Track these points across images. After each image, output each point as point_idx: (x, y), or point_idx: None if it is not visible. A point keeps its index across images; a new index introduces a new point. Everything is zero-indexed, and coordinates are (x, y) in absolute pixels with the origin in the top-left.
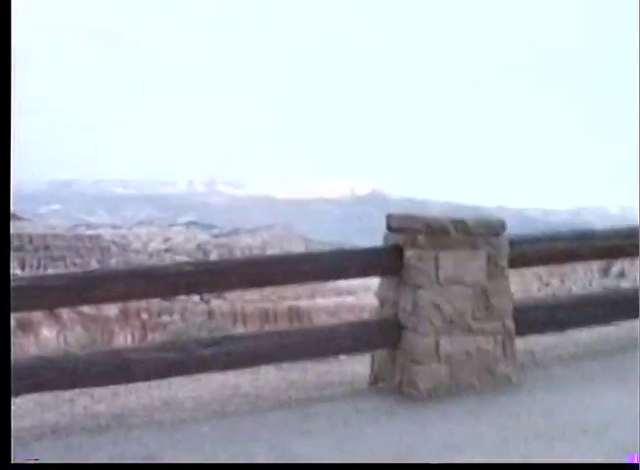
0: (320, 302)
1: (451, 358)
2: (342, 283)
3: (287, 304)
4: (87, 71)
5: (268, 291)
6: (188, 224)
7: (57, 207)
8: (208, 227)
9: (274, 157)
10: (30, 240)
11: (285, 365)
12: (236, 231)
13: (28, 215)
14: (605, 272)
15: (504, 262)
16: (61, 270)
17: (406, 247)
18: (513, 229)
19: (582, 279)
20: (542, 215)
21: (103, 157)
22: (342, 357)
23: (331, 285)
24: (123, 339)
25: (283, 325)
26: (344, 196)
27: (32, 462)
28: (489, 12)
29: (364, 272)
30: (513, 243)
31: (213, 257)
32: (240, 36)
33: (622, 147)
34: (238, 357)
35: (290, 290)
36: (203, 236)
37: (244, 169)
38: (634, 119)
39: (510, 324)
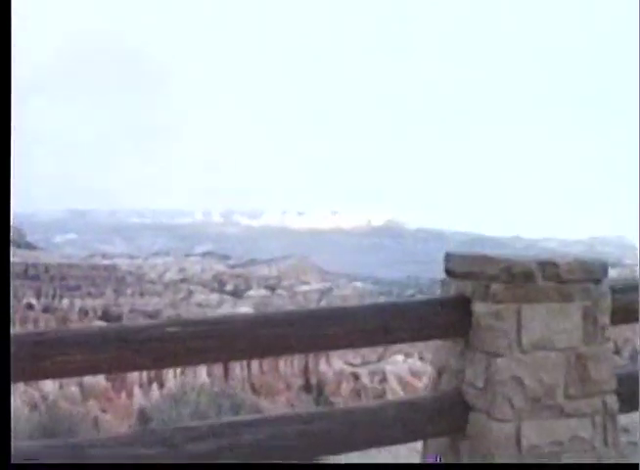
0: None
1: (537, 450)
2: None
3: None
4: (103, 98)
5: None
6: (204, 254)
7: (73, 236)
8: (224, 258)
9: (290, 187)
10: (46, 269)
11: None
12: (252, 262)
13: (44, 245)
14: None
15: (605, 319)
16: (77, 300)
17: (476, 299)
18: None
19: None
20: (558, 246)
21: (119, 186)
22: (388, 449)
23: None
24: (137, 373)
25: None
26: (360, 226)
27: (32, 462)
28: (494, 26)
29: (417, 334)
30: (614, 292)
31: (229, 287)
32: (257, 67)
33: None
34: (245, 453)
35: None
36: (219, 266)
37: (260, 200)
38: None
39: (612, 402)
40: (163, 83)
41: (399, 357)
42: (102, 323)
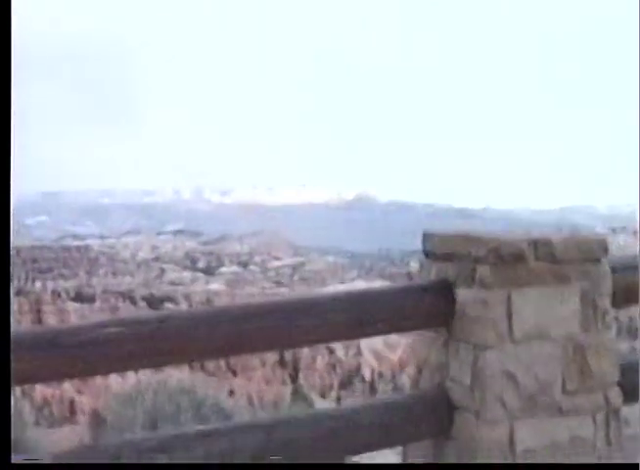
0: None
1: (533, 454)
2: (330, 288)
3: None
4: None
5: (256, 298)
6: (175, 233)
7: (44, 218)
8: (196, 235)
9: (260, 163)
10: (18, 252)
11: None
12: (223, 238)
13: (15, 228)
14: None
15: (606, 303)
16: (49, 282)
17: (460, 284)
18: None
19: None
20: (529, 216)
21: (88, 167)
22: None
23: (318, 290)
24: None
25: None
26: (331, 200)
27: (32, 462)
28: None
29: (396, 326)
30: (614, 271)
31: (201, 264)
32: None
33: (608, 145)
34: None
35: (279, 295)
36: (190, 244)
37: (230, 176)
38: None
39: (615, 396)
40: (130, 62)
41: None
42: (75, 305)
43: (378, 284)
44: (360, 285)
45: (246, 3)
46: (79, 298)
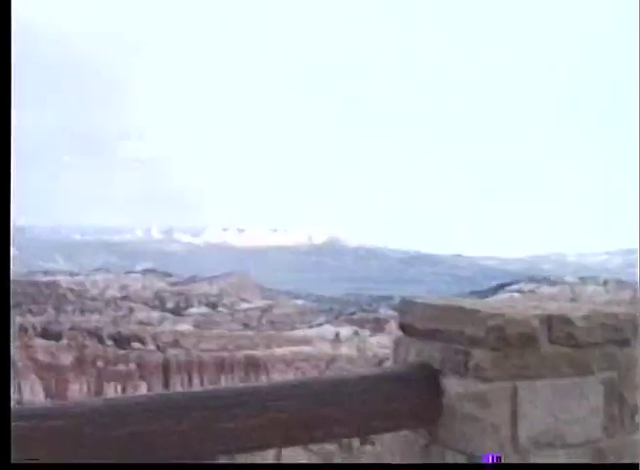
0: (277, 351)
1: None
2: (299, 332)
3: (243, 353)
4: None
5: (224, 339)
6: (145, 272)
7: (14, 252)
8: (165, 275)
9: (231, 204)
10: None
11: None
12: (193, 279)
13: None
14: None
15: (636, 397)
16: (17, 317)
17: (448, 372)
18: (472, 282)
19: None
20: (499, 264)
21: (59, 202)
22: None
23: (287, 333)
24: (79, 390)
25: (239, 377)
26: (301, 244)
27: (32, 462)
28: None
29: (357, 427)
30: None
31: (170, 305)
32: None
33: (578, 193)
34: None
35: (246, 338)
36: (160, 284)
37: (201, 217)
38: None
39: None
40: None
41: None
42: (42, 341)
43: (345, 330)
44: (329, 330)
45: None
46: (46, 334)
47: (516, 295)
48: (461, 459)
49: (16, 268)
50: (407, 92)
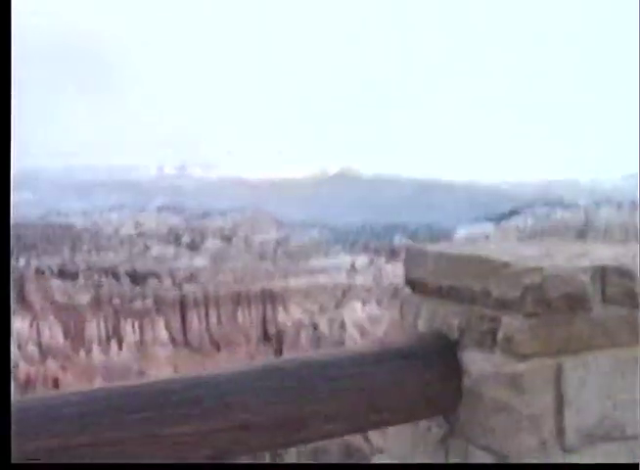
0: (293, 282)
1: None
2: (314, 262)
3: (259, 285)
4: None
5: (240, 273)
6: (159, 209)
7: (27, 195)
8: (179, 211)
9: (244, 137)
10: None
11: None
12: (207, 214)
13: None
14: None
15: None
16: (33, 259)
17: (470, 344)
18: (487, 207)
19: None
20: (514, 189)
21: (71, 142)
22: None
23: (302, 264)
24: (96, 328)
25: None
26: (315, 175)
27: (32, 462)
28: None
29: (354, 423)
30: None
31: (185, 240)
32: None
33: (592, 118)
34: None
35: (262, 271)
36: (174, 220)
37: (213, 152)
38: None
39: None
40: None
41: (357, 304)
42: (58, 282)
43: (361, 259)
44: (344, 259)
45: None
46: (62, 275)
47: (530, 220)
48: (488, 459)
49: (30, 210)
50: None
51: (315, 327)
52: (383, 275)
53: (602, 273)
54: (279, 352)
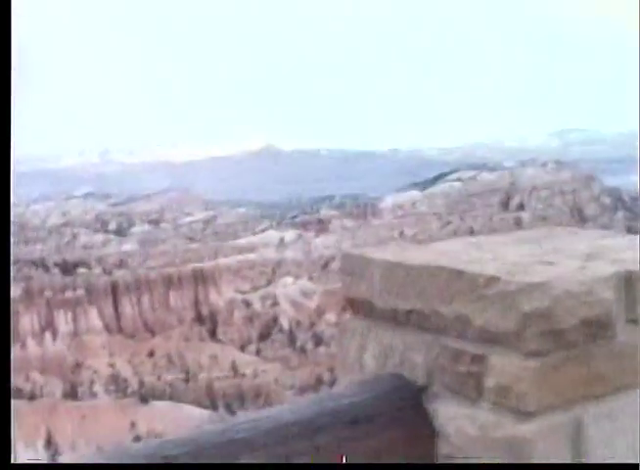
0: (223, 261)
1: None
2: (243, 240)
3: (190, 266)
4: None
5: (170, 255)
6: (85, 196)
7: None
8: (105, 197)
9: (166, 121)
10: None
11: None
12: (133, 198)
13: None
14: (504, 206)
15: None
16: None
17: (445, 395)
18: (412, 174)
19: (482, 215)
20: (438, 155)
21: None
22: None
23: (231, 243)
24: (29, 321)
25: (188, 291)
26: (236, 153)
27: (32, 462)
28: None
29: None
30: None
31: (113, 226)
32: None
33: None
34: None
35: (191, 252)
36: (100, 206)
37: (135, 135)
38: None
39: None
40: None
41: (289, 279)
42: None
43: (289, 234)
44: (272, 235)
45: None
46: None
47: (456, 184)
48: None
49: None
50: None
51: (248, 305)
52: (312, 249)
53: (627, 283)
54: (213, 332)
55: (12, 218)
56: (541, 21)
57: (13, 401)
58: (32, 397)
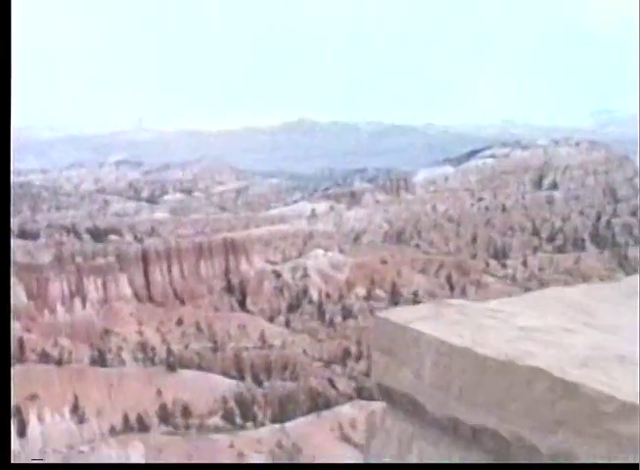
0: (254, 232)
1: None
2: (275, 211)
3: (221, 236)
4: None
5: (201, 224)
6: (118, 163)
7: None
8: (138, 165)
9: (199, 89)
10: None
11: None
12: (166, 167)
13: None
14: (537, 184)
15: None
16: None
17: None
18: (445, 150)
19: (515, 193)
20: (472, 131)
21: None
22: None
23: (263, 213)
24: (59, 287)
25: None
26: (272, 124)
27: (32, 462)
28: None
29: None
30: None
31: (145, 194)
32: None
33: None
34: None
35: (223, 221)
36: (133, 174)
37: (170, 104)
38: (562, 33)
39: None
40: None
41: (319, 252)
42: (20, 242)
43: (321, 205)
44: (305, 207)
45: None
46: (23, 234)
47: (489, 161)
48: None
49: None
50: None
51: (278, 276)
52: (343, 221)
53: None
54: (242, 302)
55: (45, 184)
56: (578, 1)
57: (41, 366)
58: (60, 362)
